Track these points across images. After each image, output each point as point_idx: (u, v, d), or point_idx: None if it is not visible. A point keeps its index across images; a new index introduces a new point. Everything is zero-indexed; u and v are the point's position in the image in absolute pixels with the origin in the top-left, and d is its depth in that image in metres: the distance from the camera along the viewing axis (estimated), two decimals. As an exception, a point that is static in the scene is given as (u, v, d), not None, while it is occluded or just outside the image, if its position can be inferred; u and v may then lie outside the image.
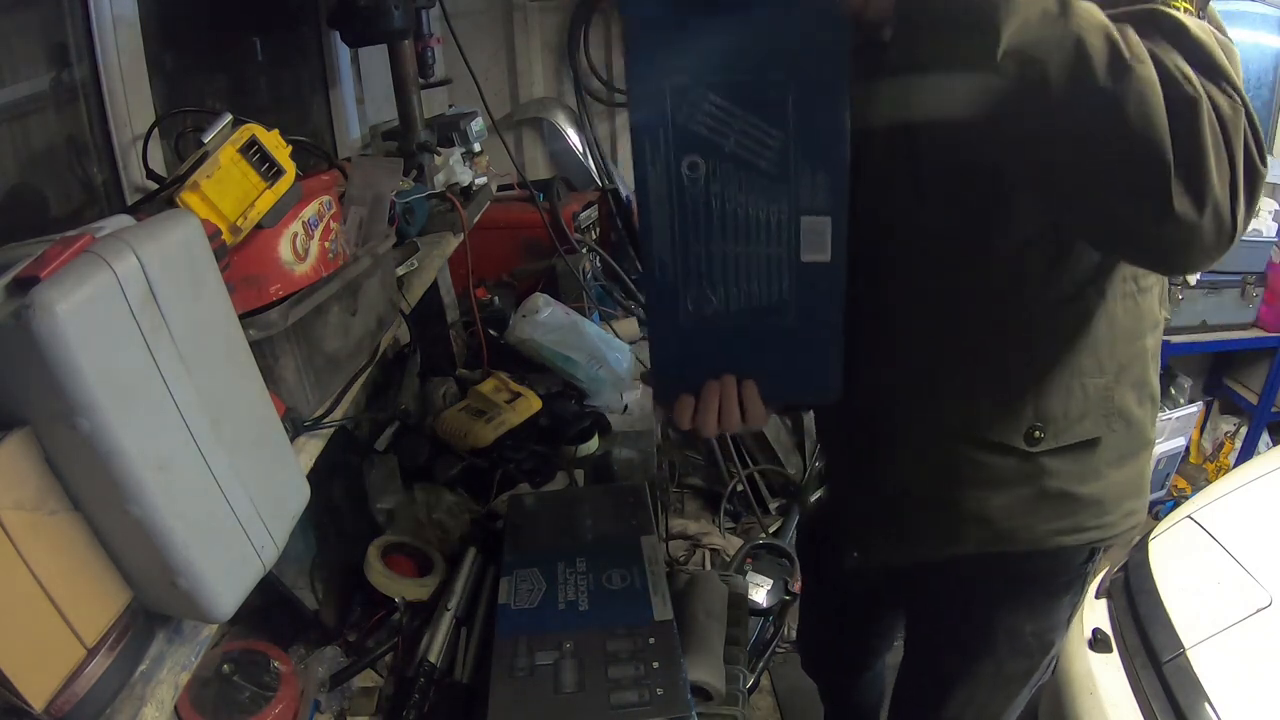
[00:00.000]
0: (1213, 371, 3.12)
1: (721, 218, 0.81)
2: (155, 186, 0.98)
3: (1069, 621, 1.04)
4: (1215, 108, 0.63)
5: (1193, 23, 0.66)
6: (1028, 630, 1.01)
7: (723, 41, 0.75)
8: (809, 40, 0.73)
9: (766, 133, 0.77)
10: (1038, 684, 1.08)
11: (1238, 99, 0.65)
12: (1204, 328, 2.71)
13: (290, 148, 0.91)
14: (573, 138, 2.85)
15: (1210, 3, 0.71)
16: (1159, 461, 2.72)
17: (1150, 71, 0.62)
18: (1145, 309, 0.89)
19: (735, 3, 0.73)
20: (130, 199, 1.10)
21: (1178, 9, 0.68)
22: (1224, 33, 0.70)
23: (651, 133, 0.79)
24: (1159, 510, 2.74)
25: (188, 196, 0.80)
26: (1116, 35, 0.63)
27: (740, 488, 2.67)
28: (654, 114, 0.78)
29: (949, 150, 0.80)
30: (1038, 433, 0.88)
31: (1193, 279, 2.63)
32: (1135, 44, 0.63)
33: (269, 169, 0.88)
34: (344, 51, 1.93)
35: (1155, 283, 0.90)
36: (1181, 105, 0.62)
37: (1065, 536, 0.93)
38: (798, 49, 0.74)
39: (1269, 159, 0.67)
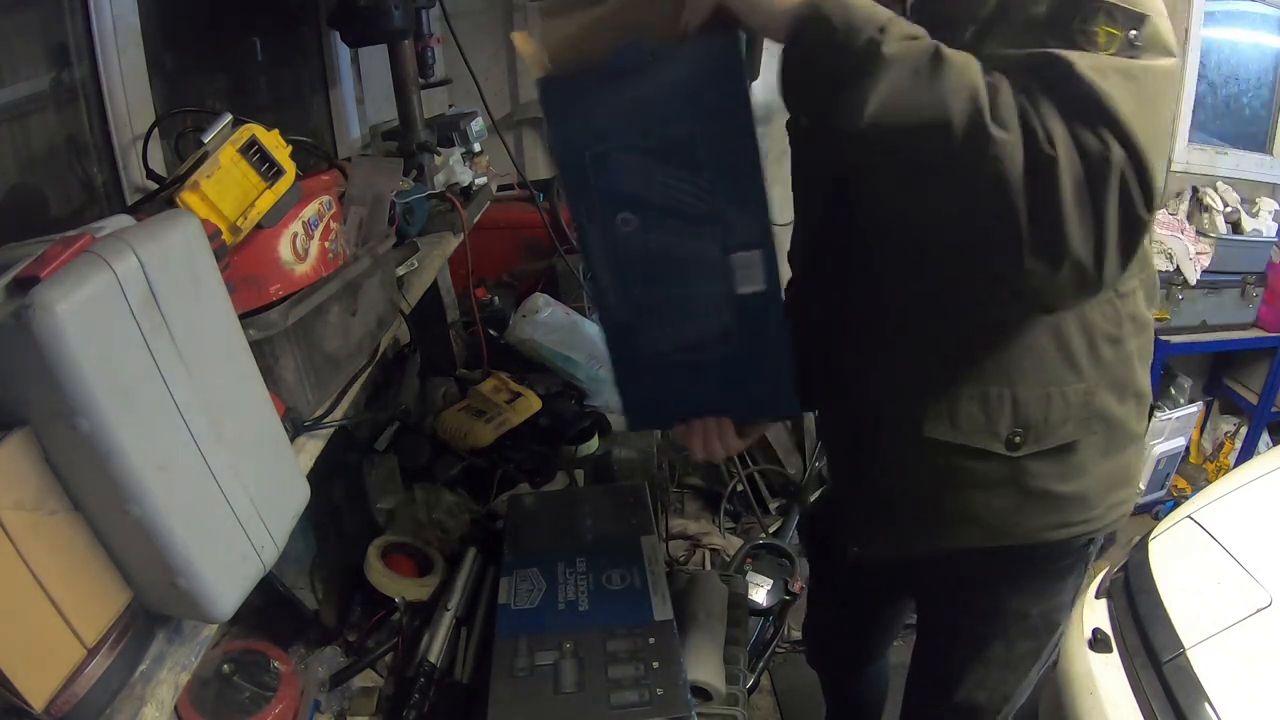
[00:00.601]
0: (1213, 371, 3.12)
1: (661, 262, 0.87)
2: (155, 186, 0.98)
3: (1074, 600, 1.06)
4: (1085, 161, 0.63)
5: (1088, 63, 0.65)
6: (1034, 612, 1.03)
7: (627, 105, 0.79)
8: (706, 89, 0.77)
9: (687, 181, 0.82)
10: (1047, 661, 1.10)
11: (1114, 146, 0.63)
12: (1204, 328, 2.71)
13: (290, 148, 0.91)
14: (573, 138, 2.85)
15: (1150, 21, 0.68)
16: (1159, 461, 2.72)
17: (1010, 137, 0.63)
18: (1126, 312, 0.89)
19: (629, 67, 0.77)
20: (130, 199, 1.10)
21: (1095, 37, 0.67)
22: (1167, 50, 0.69)
23: (582, 196, 0.85)
24: (1159, 510, 2.74)
25: (188, 196, 0.80)
26: (984, 97, 0.63)
27: (740, 488, 2.67)
28: (580, 179, 0.84)
29: None
30: (1017, 438, 0.89)
31: (1191, 279, 2.63)
32: (1003, 105, 0.63)
33: (269, 169, 0.88)
34: (344, 51, 1.93)
35: (1137, 285, 0.90)
36: (1040, 167, 0.63)
37: (1052, 532, 0.95)
38: (698, 100, 0.78)
39: (1270, 158, 0.66)
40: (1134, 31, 0.67)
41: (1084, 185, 0.63)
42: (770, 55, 0.78)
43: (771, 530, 2.53)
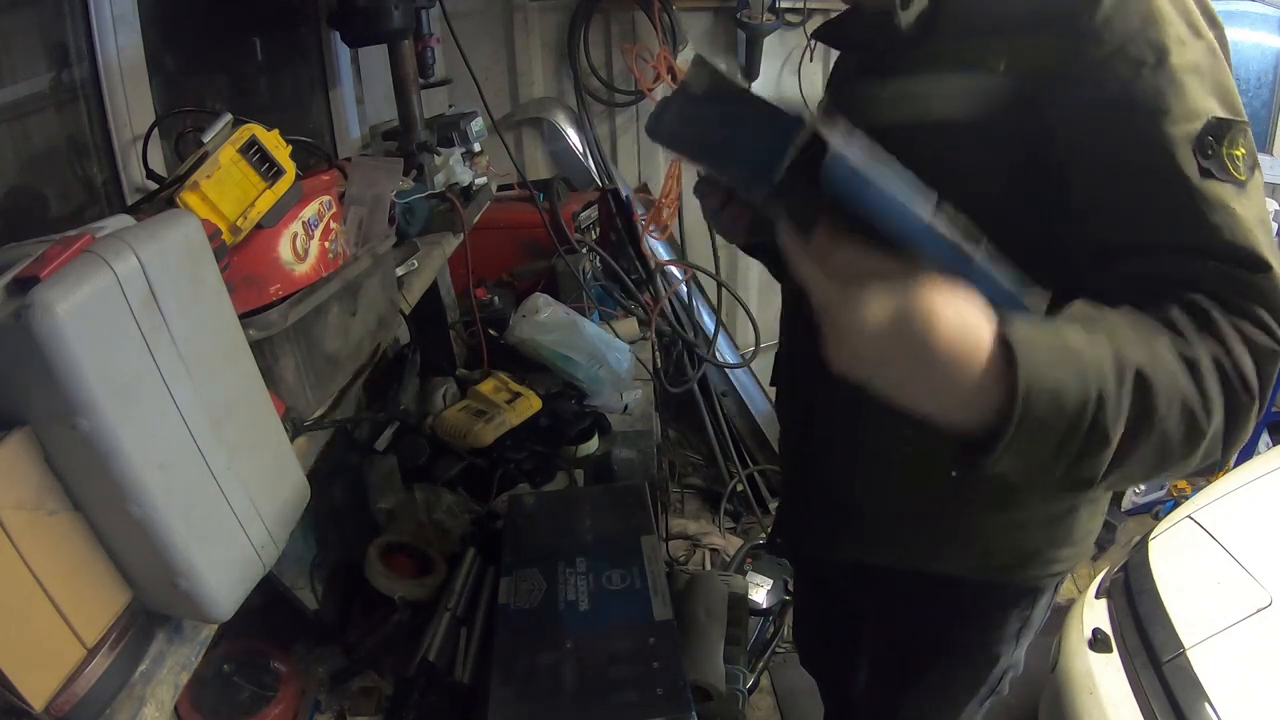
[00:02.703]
0: (1213, 371, 3.12)
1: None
2: (155, 186, 0.98)
3: (1019, 636, 1.02)
4: (1258, 360, 0.60)
5: (1264, 239, 0.62)
6: (971, 641, 1.00)
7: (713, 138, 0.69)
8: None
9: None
10: (987, 698, 1.08)
11: (1277, 333, 0.61)
12: (1204, 328, 2.71)
13: (290, 148, 0.91)
14: (573, 138, 2.85)
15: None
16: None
17: (1217, 421, 0.59)
18: None
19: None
20: (130, 199, 1.10)
21: (1239, 167, 0.63)
22: (1213, 22, 0.66)
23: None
24: (1159, 510, 2.74)
25: (188, 196, 0.80)
26: (1196, 403, 0.58)
27: (740, 488, 2.67)
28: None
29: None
30: (954, 472, 0.85)
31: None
32: (1209, 392, 0.59)
33: (269, 169, 0.88)
34: (344, 51, 1.93)
35: None
36: (1238, 419, 0.60)
37: (983, 574, 0.93)
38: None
39: (1270, 158, 0.65)
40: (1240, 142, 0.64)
41: (1258, 390, 0.61)
42: (771, 60, 0.74)
43: (771, 530, 2.54)
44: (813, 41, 2.57)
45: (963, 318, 0.52)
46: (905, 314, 0.51)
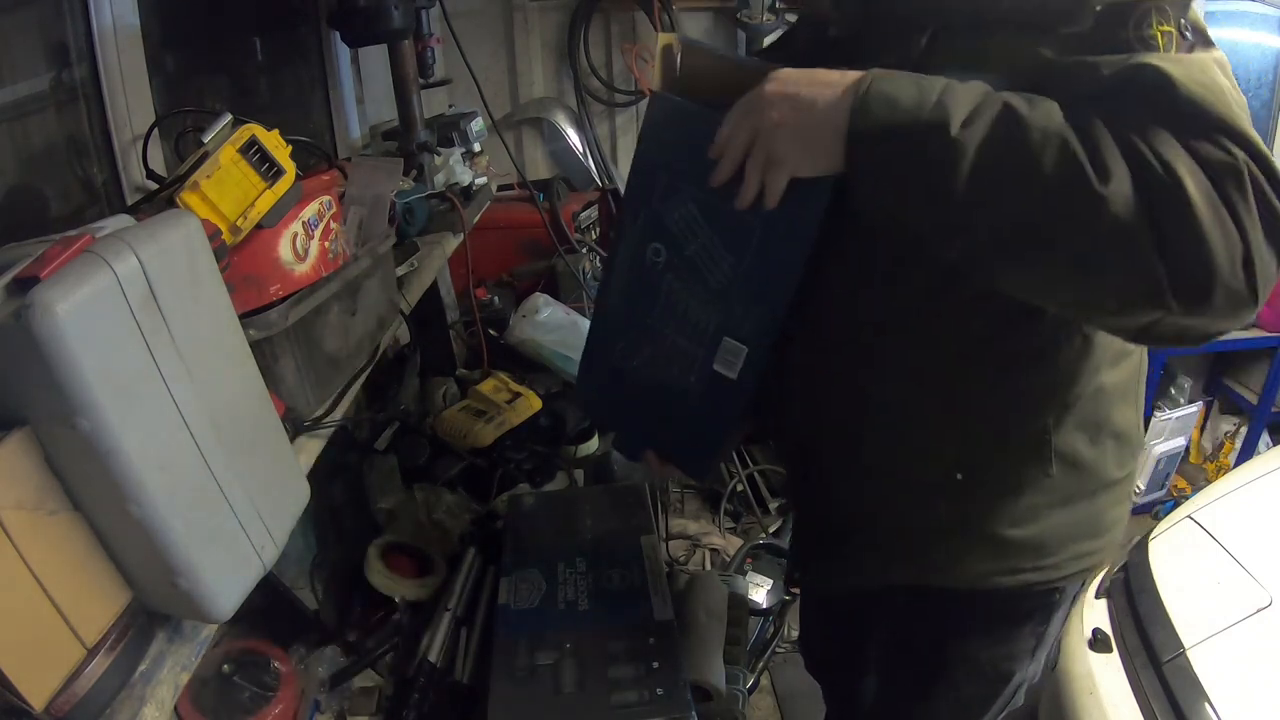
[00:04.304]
0: (1212, 371, 3.11)
1: (665, 302, 0.89)
2: (155, 186, 0.98)
3: (1034, 651, 0.98)
4: (1212, 175, 0.58)
5: (1179, 71, 0.60)
6: (984, 658, 0.96)
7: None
8: (786, 202, 0.74)
9: (723, 255, 0.83)
10: (1000, 713, 1.04)
11: (1235, 151, 0.59)
12: (1204, 327, 2.71)
13: (290, 148, 0.91)
14: (573, 138, 2.85)
15: (1190, 6, 0.64)
16: (1159, 461, 2.72)
17: (1116, 186, 0.58)
18: (1102, 343, 0.80)
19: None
20: (130, 199, 1.10)
21: (1153, 41, 0.62)
22: (1206, 40, 0.65)
23: (638, 202, 0.86)
24: (1159, 510, 2.74)
25: (188, 196, 0.80)
26: (1078, 150, 0.59)
27: (740, 488, 2.67)
28: (644, 187, 0.85)
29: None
30: (959, 475, 0.84)
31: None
32: (1104, 150, 0.59)
33: (269, 169, 0.88)
34: (344, 51, 1.93)
35: None
36: (1164, 201, 0.58)
37: (1002, 578, 0.88)
38: (775, 208, 0.76)
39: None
40: (1183, 21, 0.63)
41: (1218, 203, 0.58)
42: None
43: (771, 530, 2.53)
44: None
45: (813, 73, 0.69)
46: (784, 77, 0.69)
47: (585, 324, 1.99)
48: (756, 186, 0.73)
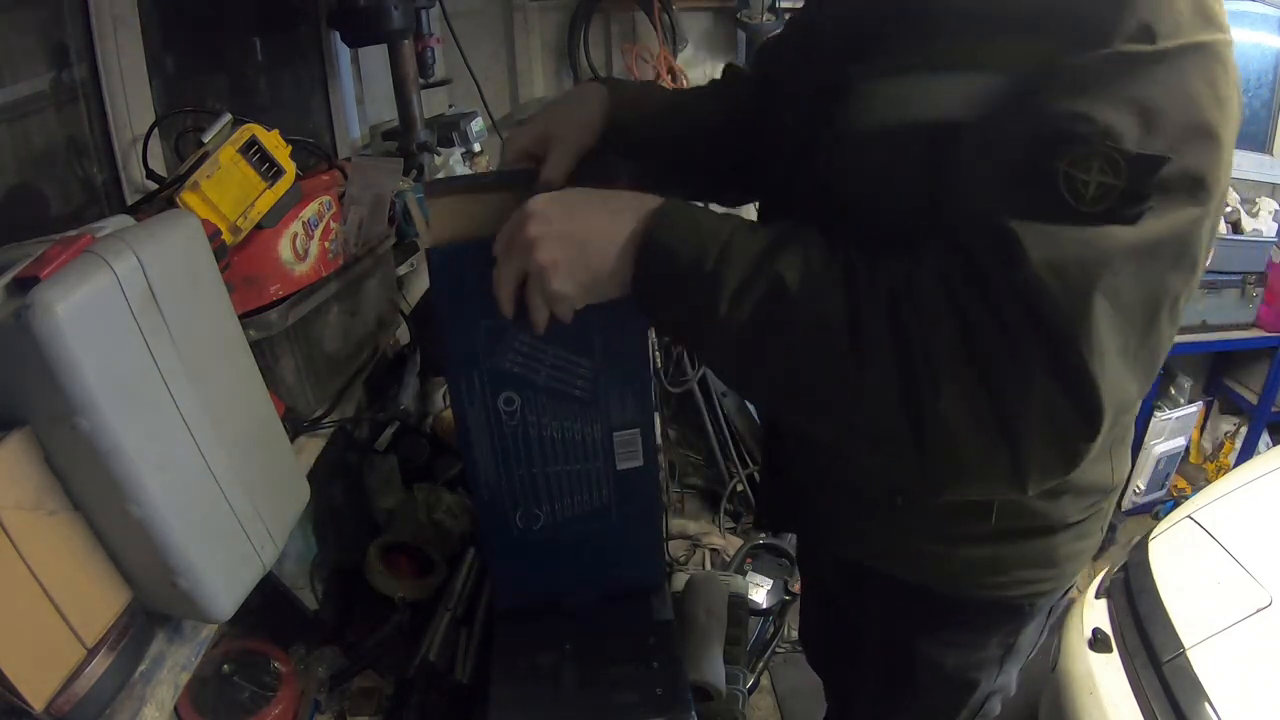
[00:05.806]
0: (1212, 371, 3.12)
1: (540, 443, 0.89)
2: (155, 186, 0.98)
3: (1003, 662, 0.97)
4: (996, 360, 0.54)
5: (1041, 253, 0.53)
6: (948, 664, 0.96)
7: None
8: None
9: (576, 363, 0.83)
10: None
11: (1038, 371, 0.53)
12: (1204, 327, 2.71)
13: (290, 148, 0.91)
14: (573, 138, 2.85)
15: (1177, 160, 0.53)
16: (1159, 461, 2.72)
17: (883, 383, 0.56)
18: None
19: None
20: (130, 199, 1.10)
21: (1083, 188, 0.53)
22: (1209, 23, 0.56)
23: (465, 374, 0.84)
24: (1159, 510, 2.74)
25: (188, 196, 0.80)
26: (843, 345, 0.57)
27: (740, 488, 2.67)
28: (468, 355, 0.83)
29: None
30: (899, 499, 0.84)
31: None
32: (873, 346, 0.56)
33: (269, 169, 0.88)
34: (344, 51, 1.93)
35: None
36: (920, 407, 0.55)
37: (949, 580, 0.89)
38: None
39: (1270, 158, 0.60)
40: (1142, 182, 0.52)
41: (986, 412, 0.54)
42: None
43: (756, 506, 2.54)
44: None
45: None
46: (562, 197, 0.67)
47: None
48: (546, 316, 0.69)
